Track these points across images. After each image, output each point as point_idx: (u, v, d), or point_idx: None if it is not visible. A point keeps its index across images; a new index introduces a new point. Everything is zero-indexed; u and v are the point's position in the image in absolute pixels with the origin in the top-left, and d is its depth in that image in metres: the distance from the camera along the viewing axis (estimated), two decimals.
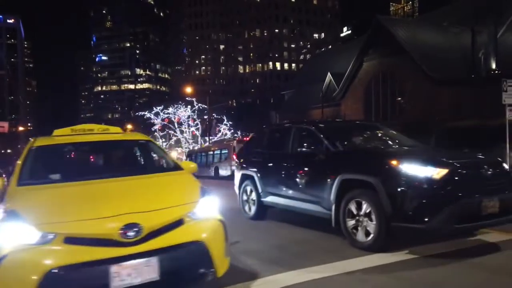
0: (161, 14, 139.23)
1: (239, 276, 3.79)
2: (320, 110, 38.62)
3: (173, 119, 53.80)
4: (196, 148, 46.09)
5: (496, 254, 4.44)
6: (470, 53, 23.10)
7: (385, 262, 4.15)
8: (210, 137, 43.97)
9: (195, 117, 52.18)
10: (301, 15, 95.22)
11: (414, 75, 27.44)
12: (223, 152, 26.74)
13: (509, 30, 24.73)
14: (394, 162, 4.38)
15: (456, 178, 4.21)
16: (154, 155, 5.01)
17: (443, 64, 26.17)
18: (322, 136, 5.51)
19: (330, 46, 71.72)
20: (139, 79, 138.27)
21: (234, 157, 9.06)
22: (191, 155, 34.51)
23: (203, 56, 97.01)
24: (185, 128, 53.14)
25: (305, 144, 5.76)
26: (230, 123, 54.78)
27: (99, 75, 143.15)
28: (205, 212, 3.31)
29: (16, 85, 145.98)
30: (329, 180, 5.03)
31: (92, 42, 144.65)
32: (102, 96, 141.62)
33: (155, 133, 54.92)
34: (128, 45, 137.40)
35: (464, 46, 26.54)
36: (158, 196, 3.40)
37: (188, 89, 57.77)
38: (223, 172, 25.51)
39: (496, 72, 20.80)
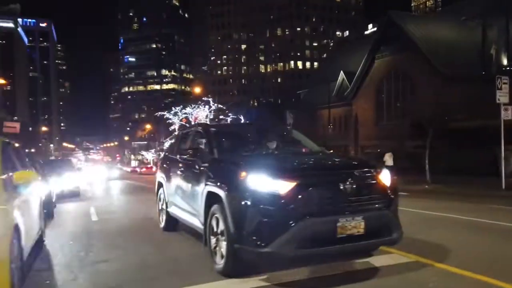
0: (186, 15, 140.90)
1: None
2: (333, 109, 37.83)
3: (190, 119, 54.25)
4: None
5: (381, 280, 3.80)
6: (483, 49, 21.88)
7: None
8: None
9: (211, 117, 52.39)
10: (324, 13, 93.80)
11: (424, 72, 26.43)
12: None
13: None
14: (240, 173, 3.79)
15: (307, 192, 3.55)
16: None
17: (455, 60, 25.05)
18: (207, 141, 5.03)
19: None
20: (164, 80, 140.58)
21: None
22: None
23: (225, 56, 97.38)
24: None
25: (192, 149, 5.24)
26: (247, 122, 54.66)
27: (126, 76, 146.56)
28: None
29: (48, 87, 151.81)
30: (200, 191, 4.55)
31: (119, 44, 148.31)
32: (129, 97, 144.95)
33: (175, 133, 55.54)
34: (154, 46, 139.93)
35: (479, 42, 25.26)
36: None
37: (197, 89, 57.95)
38: None
39: (508, 68, 19.62)
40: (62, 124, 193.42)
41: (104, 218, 8.84)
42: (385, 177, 4.00)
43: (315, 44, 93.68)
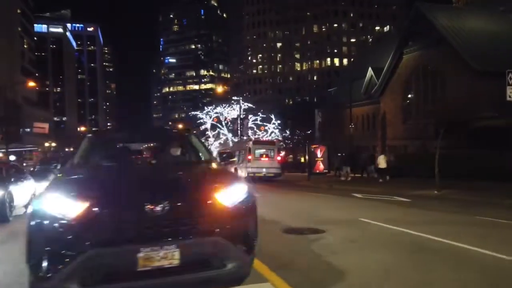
0: (224, 15, 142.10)
1: None
2: (360, 108, 36.42)
3: (221, 118, 54.53)
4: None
5: None
6: None
7: None
8: (243, 137, 43.54)
9: (242, 116, 52.27)
10: (363, 8, 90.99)
11: (454, 67, 24.62)
12: (241, 153, 26.16)
13: None
14: (46, 192, 3.26)
15: (101, 216, 2.93)
16: None
17: (489, 54, 23.11)
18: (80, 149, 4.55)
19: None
20: (203, 80, 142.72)
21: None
22: (221, 155, 34.36)
23: (260, 55, 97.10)
24: (230, 127, 53.49)
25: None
26: (279, 122, 54.04)
27: (166, 76, 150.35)
28: None
29: (95, 88, 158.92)
30: None
31: (160, 46, 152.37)
32: (169, 97, 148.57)
33: (207, 132, 56.01)
34: (193, 47, 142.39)
35: None
36: None
37: (219, 89, 57.96)
38: (240, 173, 24.91)
39: None
40: (108, 124, 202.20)
41: None
42: (227, 194, 3.30)
43: (352, 40, 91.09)
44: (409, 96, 29.39)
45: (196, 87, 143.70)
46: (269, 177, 23.79)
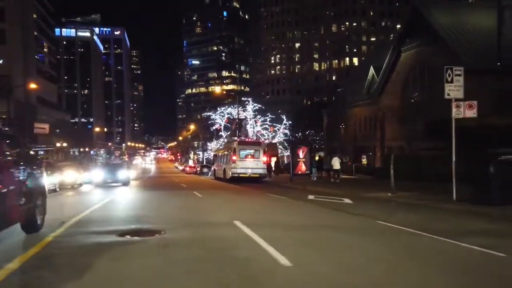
0: (246, 16, 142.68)
1: None
2: (362, 107, 35.70)
3: (232, 119, 54.63)
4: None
5: None
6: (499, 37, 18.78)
7: None
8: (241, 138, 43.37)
9: (250, 116, 52.18)
10: (383, 7, 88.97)
11: (450, 64, 23.53)
12: (226, 153, 26.05)
13: None
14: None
15: None
16: None
17: (481, 50, 22.06)
18: None
19: None
20: (225, 81, 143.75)
21: None
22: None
23: (279, 56, 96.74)
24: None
25: None
26: (290, 122, 53.61)
27: (190, 78, 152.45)
28: None
29: (122, 90, 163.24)
30: None
31: (183, 48, 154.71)
32: (192, 98, 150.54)
33: (220, 133, 56.38)
34: (215, 48, 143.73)
35: None
36: None
37: (217, 89, 57.95)
38: (228, 173, 24.85)
39: None
40: (135, 125, 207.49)
41: None
42: None
43: (372, 39, 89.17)
44: (408, 95, 28.48)
45: (218, 88, 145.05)
46: (255, 178, 23.57)
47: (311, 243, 5.70)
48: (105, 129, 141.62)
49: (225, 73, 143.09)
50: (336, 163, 21.50)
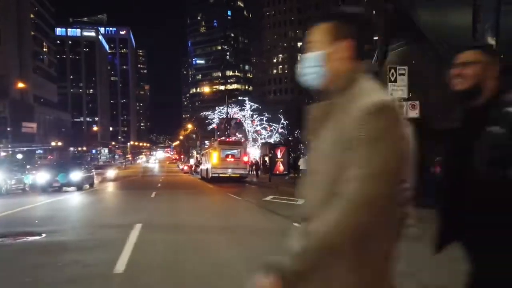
0: (250, 15, 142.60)
1: None
2: None
3: (221, 118, 54.71)
4: None
5: None
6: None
7: None
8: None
9: (246, 116, 52.12)
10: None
11: (433, 63, 23.23)
12: (209, 153, 25.93)
13: None
14: None
15: None
16: None
17: (464, 48, 21.53)
18: None
19: None
20: (229, 80, 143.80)
21: None
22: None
23: (280, 55, 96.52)
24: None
25: None
26: (287, 122, 53.34)
27: (194, 77, 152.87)
28: None
29: (127, 90, 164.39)
30: None
31: (188, 47, 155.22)
32: (197, 97, 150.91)
33: (218, 133, 56.44)
34: (220, 48, 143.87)
35: None
36: None
37: (206, 89, 57.79)
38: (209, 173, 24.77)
39: None
40: (141, 125, 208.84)
41: None
42: None
43: (375, 38, 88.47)
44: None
45: (222, 87, 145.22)
46: (235, 178, 23.41)
47: (182, 247, 5.58)
48: (110, 128, 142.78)
49: (229, 73, 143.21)
50: (303, 164, 21.12)
